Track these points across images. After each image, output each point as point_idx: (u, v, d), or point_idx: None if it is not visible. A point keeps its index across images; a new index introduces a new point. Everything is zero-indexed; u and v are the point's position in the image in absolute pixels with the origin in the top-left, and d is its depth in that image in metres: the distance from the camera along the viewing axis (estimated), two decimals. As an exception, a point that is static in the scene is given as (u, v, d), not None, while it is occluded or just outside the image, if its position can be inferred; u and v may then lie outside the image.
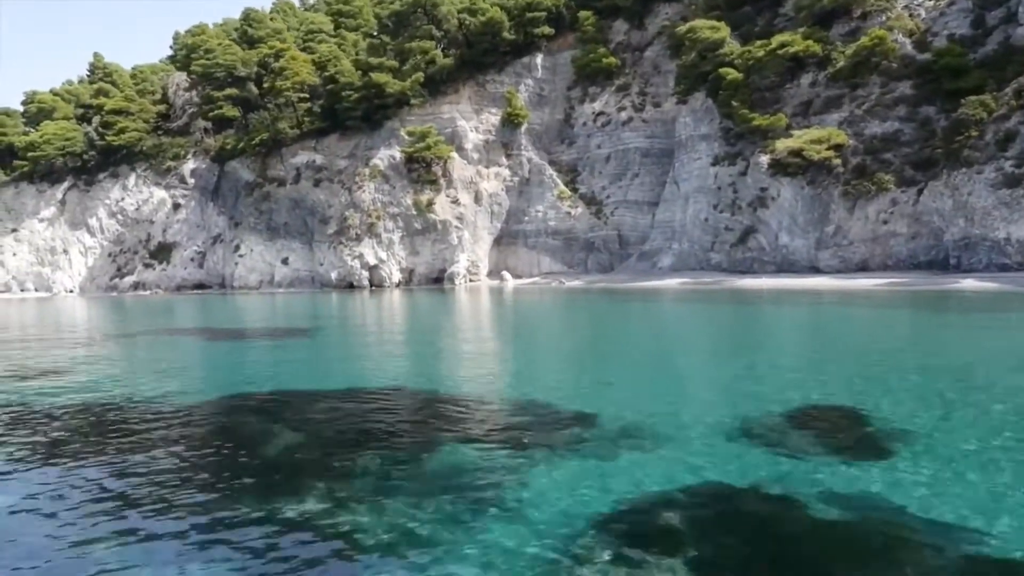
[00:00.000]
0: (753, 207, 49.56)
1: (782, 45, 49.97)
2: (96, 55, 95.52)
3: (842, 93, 48.46)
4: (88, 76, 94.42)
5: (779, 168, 47.40)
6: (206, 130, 78.57)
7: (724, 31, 54.59)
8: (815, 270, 45.57)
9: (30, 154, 76.59)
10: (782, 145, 47.51)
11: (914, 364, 15.13)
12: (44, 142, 76.42)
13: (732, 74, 51.62)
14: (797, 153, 46.36)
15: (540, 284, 58.77)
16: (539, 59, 68.62)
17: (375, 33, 76.15)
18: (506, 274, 61.80)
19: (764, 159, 49.09)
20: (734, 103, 50.85)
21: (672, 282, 49.14)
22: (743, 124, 50.58)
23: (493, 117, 67.96)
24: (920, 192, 42.40)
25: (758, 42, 52.06)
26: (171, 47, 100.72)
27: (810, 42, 49.83)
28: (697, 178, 54.22)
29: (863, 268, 43.94)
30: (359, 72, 66.85)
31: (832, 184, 45.35)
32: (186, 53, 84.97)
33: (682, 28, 56.88)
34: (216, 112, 73.28)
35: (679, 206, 56.01)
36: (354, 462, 8.66)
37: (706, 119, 55.03)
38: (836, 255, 45.01)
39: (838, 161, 45.33)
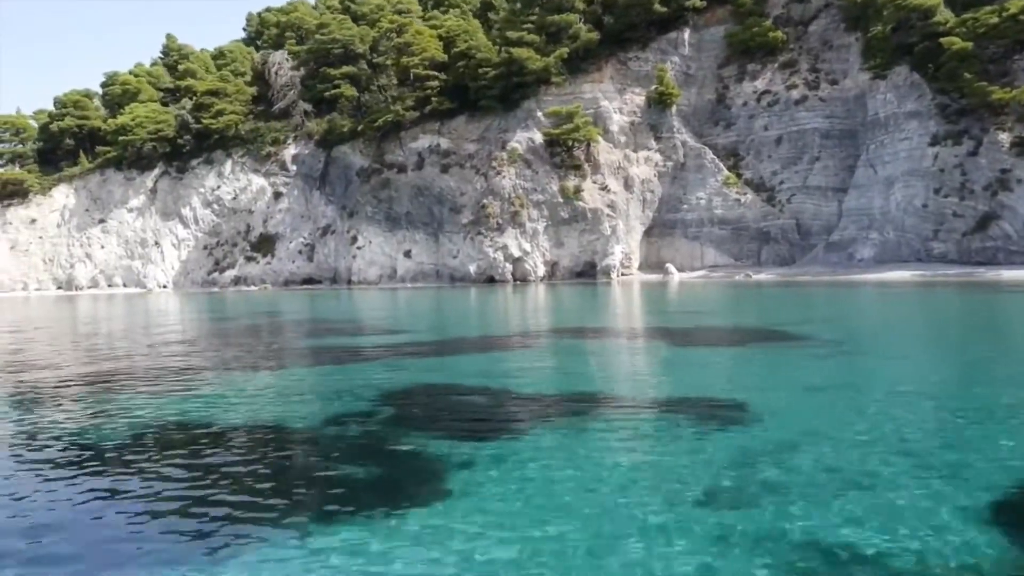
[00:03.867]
0: (991, 191, 44.17)
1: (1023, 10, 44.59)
2: (169, 36, 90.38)
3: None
4: (162, 58, 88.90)
5: (1025, 147, 42.07)
6: (307, 113, 73.00)
7: (934, -3, 49.24)
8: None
9: (121, 138, 70.86)
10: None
11: None
12: (136, 125, 70.70)
13: (958, 43, 46.19)
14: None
15: (713, 278, 53.26)
16: (686, 34, 63.14)
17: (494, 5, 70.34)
18: (670, 267, 56.32)
19: (1004, 137, 43.73)
20: (967, 75, 45.39)
21: (900, 275, 43.68)
22: (974, 99, 45.19)
23: (637, 97, 62.45)
24: None
25: (986, 8, 46.66)
26: (244, 28, 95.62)
27: (1053, 7, 44.49)
28: (906, 160, 48.81)
29: None
30: (496, 47, 61.24)
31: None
32: (280, 32, 79.53)
33: (878, -5, 51.47)
34: (333, 92, 67.55)
35: (878, 191, 50.60)
36: None
37: (912, 95, 49.65)
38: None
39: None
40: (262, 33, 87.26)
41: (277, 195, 71.67)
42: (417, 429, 8.73)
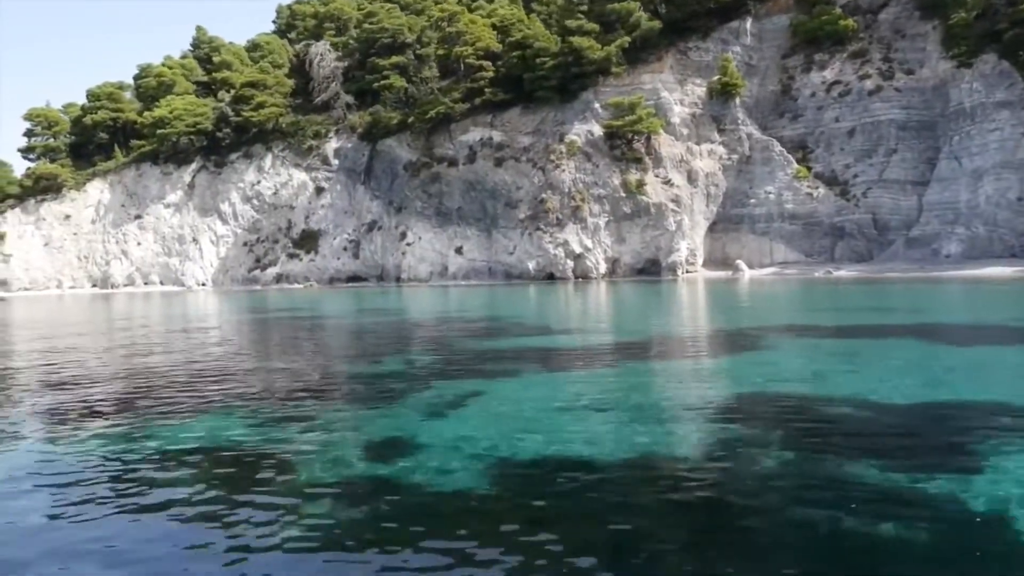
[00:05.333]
0: (1096, 183, 42.17)
1: None
2: (199, 28, 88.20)
3: None
4: (192, 51, 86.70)
5: None
6: (348, 106, 70.89)
7: (1025, -18, 47.20)
8: None
9: (159, 131, 68.64)
10: None
11: None
12: (175, 118, 68.51)
13: (1057, 29, 44.20)
14: None
15: (787, 275, 51.17)
16: (748, 24, 61.13)
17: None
18: (740, 263, 54.22)
19: (1109, 127, 41.72)
20: (1070, 62, 43.41)
21: (997, 271, 41.58)
22: (1076, 86, 43.19)
23: (698, 88, 60.43)
24: None
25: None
26: (274, 21, 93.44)
27: None
28: (997, 152, 46.82)
29: None
30: (555, 37, 59.13)
31: None
32: (319, 23, 77.43)
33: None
34: (382, 82, 65.37)
35: (964, 184, 48.59)
36: None
37: (1002, 84, 47.66)
38: None
39: None
40: (294, 26, 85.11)
41: (319, 190, 69.54)
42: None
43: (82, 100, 79.79)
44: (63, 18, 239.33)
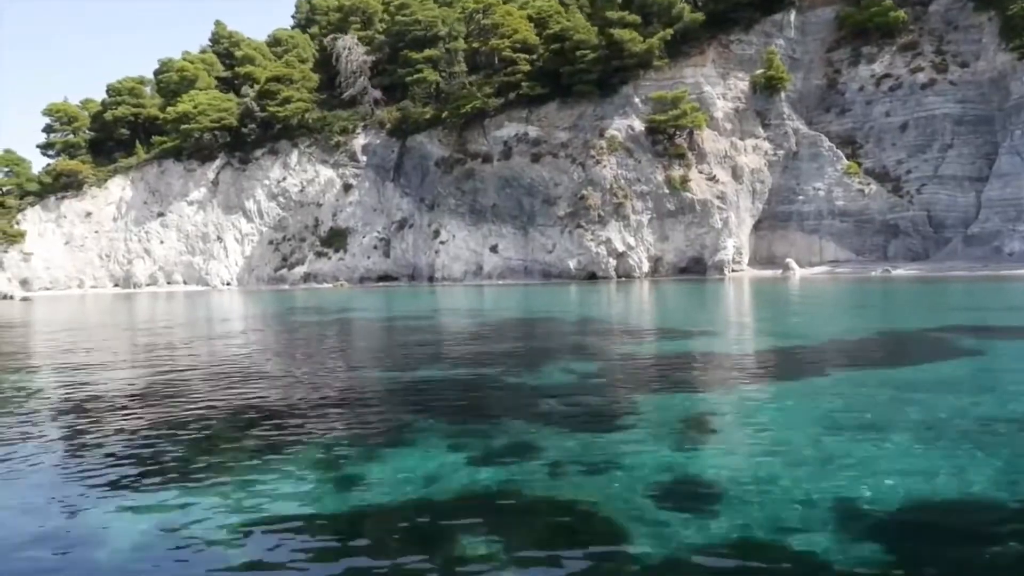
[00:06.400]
0: None
1: None
2: (218, 23, 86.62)
3: None
4: (211, 46, 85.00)
5: None
6: (376, 101, 69.22)
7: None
8: None
9: (182, 127, 66.91)
10: None
11: None
12: (199, 113, 66.79)
13: None
14: None
15: (840, 274, 49.48)
16: (792, 16, 59.53)
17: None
18: (791, 262, 52.51)
19: None
20: None
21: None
22: None
23: (740, 82, 58.80)
24: None
25: None
26: (293, 16, 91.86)
27: None
28: (1063, 146, 45.23)
29: None
30: (594, 29, 57.46)
31: None
32: (343, 16, 75.79)
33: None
34: (415, 76, 63.66)
35: (1027, 180, 46.96)
36: None
37: (1066, 76, 46.06)
38: None
39: None
40: (314, 20, 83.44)
41: (347, 187, 67.87)
42: None
43: (98, 96, 78.36)
44: (77, 15, 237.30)
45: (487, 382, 11.53)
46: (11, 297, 59.47)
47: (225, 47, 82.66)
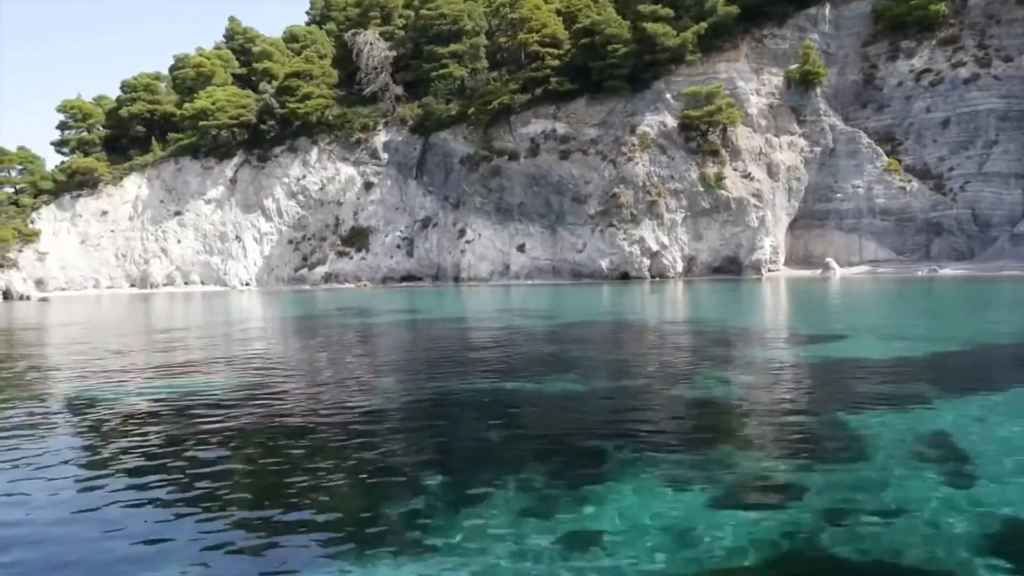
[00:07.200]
0: None
1: None
2: (232, 19, 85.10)
3: None
4: (226, 42, 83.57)
5: None
6: (398, 98, 67.81)
7: None
8: None
9: (201, 123, 65.48)
10: None
11: None
12: (218, 110, 65.36)
13: None
14: None
15: (882, 274, 48.09)
16: (826, 10, 58.16)
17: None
18: (831, 262, 51.11)
19: None
20: None
21: None
22: None
23: (774, 78, 57.47)
24: None
25: None
26: (307, 12, 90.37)
27: None
28: (1117, 142, 43.87)
29: None
30: (625, 23, 56.04)
31: None
32: (362, 11, 74.37)
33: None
34: (441, 72, 62.24)
35: (1078, 178, 45.61)
36: None
37: (1120, 70, 44.69)
38: None
39: None
40: (330, 16, 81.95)
41: (368, 185, 66.47)
42: None
43: (111, 93, 76.95)
44: (84, 13, 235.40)
45: (658, 396, 10.16)
46: (27, 298, 58.11)
47: (240, 43, 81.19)
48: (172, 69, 75.09)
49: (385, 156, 66.56)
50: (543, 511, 5.63)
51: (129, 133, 71.61)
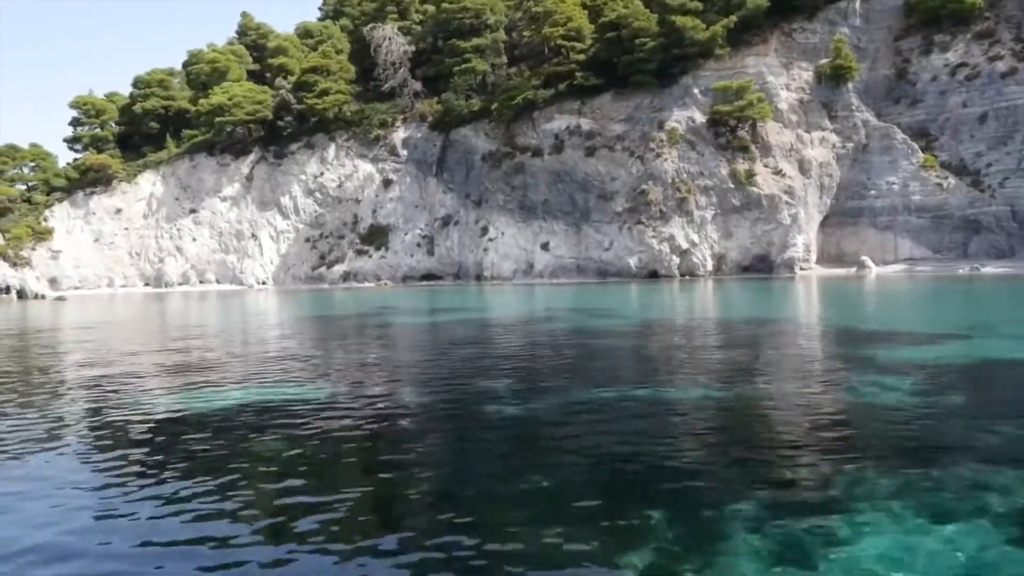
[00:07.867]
0: None
1: None
2: (245, 14, 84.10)
3: None
4: (238, 38, 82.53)
5: None
6: (416, 93, 66.70)
7: None
8: None
9: (217, 120, 64.37)
10: None
11: None
12: (234, 106, 64.25)
13: None
14: None
15: (919, 272, 46.93)
16: (857, 3, 57.00)
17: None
18: (867, 260, 49.96)
19: None
20: None
21: None
22: None
23: (804, 72, 56.33)
24: None
25: None
26: (320, 8, 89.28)
27: None
28: None
29: None
30: (654, 16, 54.92)
31: None
32: (379, 6, 73.25)
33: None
34: (463, 67, 61.13)
35: (1124, 173, 44.45)
36: None
37: None
38: None
39: None
40: (343, 12, 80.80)
41: (387, 182, 65.40)
42: None
43: (122, 90, 75.84)
44: (94, 10, 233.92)
45: (825, 404, 8.99)
46: (42, 297, 56.99)
47: (253, 39, 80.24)
48: (186, 65, 74.11)
49: (404, 153, 65.48)
50: (783, 550, 4.45)
51: (143, 130, 70.56)
